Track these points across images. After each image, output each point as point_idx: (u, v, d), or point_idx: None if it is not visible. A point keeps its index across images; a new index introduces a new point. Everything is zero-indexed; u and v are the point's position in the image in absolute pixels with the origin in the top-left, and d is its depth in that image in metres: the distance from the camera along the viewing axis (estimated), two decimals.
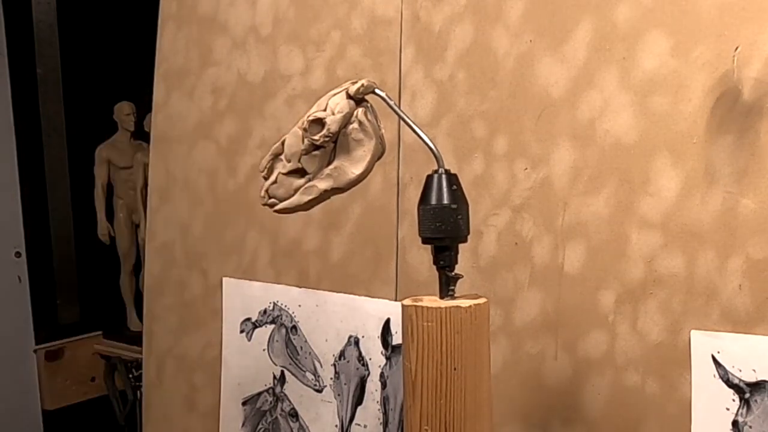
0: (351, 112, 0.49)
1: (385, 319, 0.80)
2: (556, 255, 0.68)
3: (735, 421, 0.58)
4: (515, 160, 0.71)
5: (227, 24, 0.95)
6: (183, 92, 1.00)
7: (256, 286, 0.91)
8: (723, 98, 0.59)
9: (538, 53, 0.69)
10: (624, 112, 0.64)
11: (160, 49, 1.03)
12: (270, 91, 0.90)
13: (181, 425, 1.00)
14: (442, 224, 0.51)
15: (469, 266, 0.73)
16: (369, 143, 0.49)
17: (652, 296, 0.63)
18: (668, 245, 0.62)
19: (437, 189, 0.52)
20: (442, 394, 0.50)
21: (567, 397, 0.68)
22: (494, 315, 0.71)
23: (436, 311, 0.51)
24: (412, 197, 0.78)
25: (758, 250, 0.57)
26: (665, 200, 0.62)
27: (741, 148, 0.58)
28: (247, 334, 0.93)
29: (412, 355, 0.51)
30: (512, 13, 0.71)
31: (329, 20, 0.85)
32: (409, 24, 0.78)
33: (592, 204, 0.66)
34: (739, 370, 0.58)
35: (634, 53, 0.63)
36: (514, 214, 0.71)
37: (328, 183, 0.49)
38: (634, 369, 0.64)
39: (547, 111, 0.69)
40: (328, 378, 0.85)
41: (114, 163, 1.91)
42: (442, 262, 0.53)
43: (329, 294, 0.85)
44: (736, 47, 0.58)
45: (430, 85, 0.76)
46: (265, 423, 0.91)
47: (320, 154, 0.49)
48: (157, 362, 1.03)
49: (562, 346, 0.68)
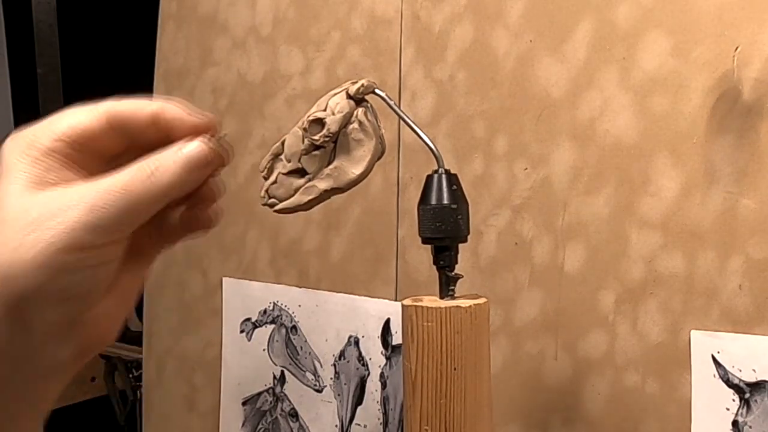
0: (351, 112, 0.49)
1: (385, 319, 0.80)
2: (556, 255, 0.68)
3: (735, 421, 0.58)
4: (515, 160, 0.71)
5: (227, 24, 0.95)
6: (183, 92, 1.00)
7: (256, 286, 0.91)
8: (723, 98, 0.59)
9: (538, 53, 0.69)
10: (624, 112, 0.64)
11: (160, 49, 1.03)
12: (270, 91, 0.90)
13: (181, 425, 1.00)
14: (442, 224, 0.51)
15: (469, 266, 0.73)
16: (369, 143, 0.49)
17: (652, 296, 0.63)
18: (668, 245, 0.62)
19: (437, 189, 0.52)
20: (443, 394, 0.51)
21: (567, 397, 0.68)
22: (494, 315, 0.71)
23: (436, 311, 0.51)
24: (412, 197, 0.78)
25: (758, 250, 0.57)
26: (665, 200, 0.62)
27: (741, 148, 0.58)
28: (247, 334, 0.93)
29: (412, 355, 0.51)
30: (512, 13, 0.71)
31: (329, 20, 0.85)
32: (409, 24, 0.78)
33: (592, 204, 0.66)
34: (739, 370, 0.58)
35: (634, 53, 0.63)
36: (514, 214, 0.71)
37: (328, 183, 0.49)
38: (634, 369, 0.64)
39: (547, 111, 0.69)
40: (328, 378, 0.85)
41: None
42: (442, 262, 0.53)
43: (329, 294, 0.85)
44: (736, 47, 0.58)
45: (430, 85, 0.76)
46: (265, 423, 0.91)
47: (320, 154, 0.49)
48: (157, 362, 1.03)
49: (562, 346, 0.68)
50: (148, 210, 0.43)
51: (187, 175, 0.44)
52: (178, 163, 0.44)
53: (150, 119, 0.46)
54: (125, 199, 0.42)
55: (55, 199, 0.41)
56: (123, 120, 0.46)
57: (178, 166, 0.44)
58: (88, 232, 0.40)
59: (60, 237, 0.40)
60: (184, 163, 0.44)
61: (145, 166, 0.43)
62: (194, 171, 0.45)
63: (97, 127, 0.45)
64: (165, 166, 0.43)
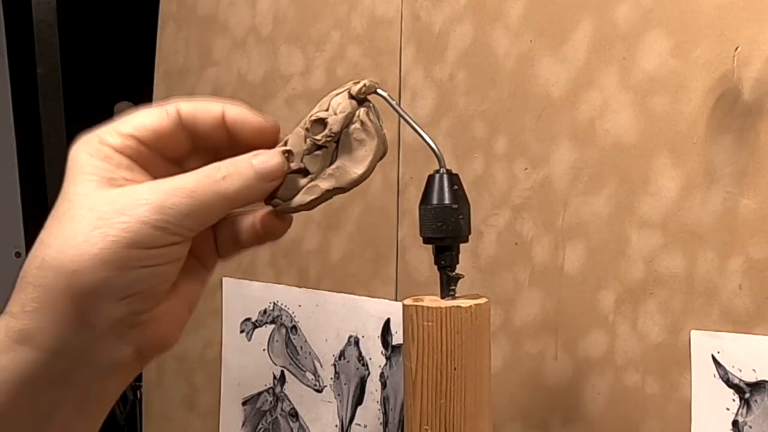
0: (353, 112, 0.49)
1: (385, 319, 0.80)
2: (556, 255, 0.68)
3: (735, 421, 0.58)
4: (515, 160, 0.71)
5: (227, 24, 0.95)
6: (183, 92, 1.00)
7: (256, 286, 0.91)
8: (723, 98, 0.59)
9: (538, 53, 0.69)
10: (624, 112, 0.64)
11: (160, 49, 1.03)
12: (270, 91, 0.90)
13: (181, 425, 1.00)
14: (443, 224, 0.51)
15: (469, 266, 0.73)
16: (371, 143, 0.49)
17: (652, 296, 0.63)
18: (668, 245, 0.62)
19: (438, 189, 0.52)
20: (443, 394, 0.51)
21: (567, 397, 0.68)
22: (494, 315, 0.71)
23: (437, 311, 0.51)
24: (412, 197, 0.78)
25: (758, 250, 0.57)
26: (665, 200, 0.62)
27: (741, 148, 0.58)
28: (247, 334, 0.93)
29: (413, 354, 0.51)
30: (512, 13, 0.71)
31: (329, 20, 0.85)
32: (409, 24, 0.78)
33: (592, 204, 0.66)
34: (739, 370, 0.58)
35: (634, 53, 0.64)
36: (514, 214, 0.71)
37: (330, 183, 0.49)
38: (634, 369, 0.64)
39: (547, 111, 0.69)
40: (328, 378, 0.85)
41: None
42: (443, 262, 0.53)
43: (329, 294, 0.85)
44: (736, 47, 0.58)
45: (430, 85, 0.76)
46: (265, 423, 0.91)
47: (322, 154, 0.49)
48: (157, 362, 1.03)
49: (562, 346, 0.68)
50: (214, 214, 0.44)
51: (259, 184, 0.45)
52: (251, 170, 0.44)
53: (218, 119, 0.46)
54: (192, 201, 0.42)
55: (123, 197, 0.42)
56: (193, 119, 0.46)
57: (251, 174, 0.44)
58: (153, 230, 0.41)
59: (126, 234, 0.40)
60: (258, 172, 0.44)
61: (215, 169, 0.44)
62: (267, 180, 0.45)
63: (167, 126, 0.46)
64: (238, 173, 0.44)
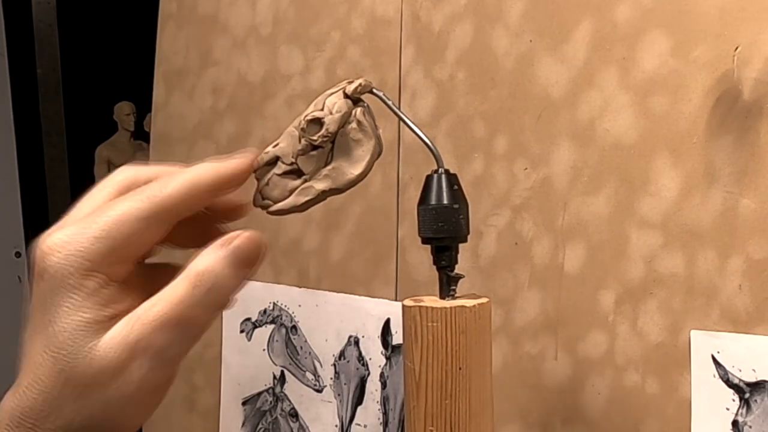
0: (349, 111, 0.48)
1: (385, 319, 0.80)
2: (556, 255, 0.68)
3: (735, 421, 0.58)
4: (515, 160, 0.71)
5: (227, 24, 0.95)
6: (183, 92, 1.00)
7: (255, 286, 0.91)
8: (723, 98, 0.59)
9: (538, 53, 0.69)
10: (624, 112, 0.64)
11: (160, 49, 1.03)
12: (270, 91, 0.90)
13: (181, 425, 1.00)
14: (442, 224, 0.51)
15: (469, 266, 0.73)
16: (368, 143, 0.49)
17: (652, 296, 0.63)
18: (668, 245, 0.62)
19: (437, 189, 0.52)
20: (447, 394, 0.50)
21: (567, 397, 0.68)
22: (494, 315, 0.71)
23: (441, 311, 0.51)
24: (412, 197, 0.78)
25: (758, 250, 0.57)
26: (665, 200, 0.62)
27: (741, 148, 0.58)
28: (247, 334, 0.93)
29: (416, 355, 0.51)
30: (512, 13, 0.71)
31: (329, 20, 0.85)
32: (409, 24, 0.78)
33: (592, 204, 0.66)
34: (739, 370, 0.58)
35: (634, 53, 0.63)
36: (514, 214, 0.71)
37: (326, 184, 0.49)
38: (634, 369, 0.64)
39: (547, 111, 0.69)
40: (328, 378, 0.85)
41: (114, 163, 1.91)
42: (442, 262, 0.53)
43: (329, 294, 0.85)
44: (736, 47, 0.58)
45: (430, 85, 0.76)
46: (265, 423, 0.91)
47: (318, 155, 0.48)
48: None
49: (562, 346, 0.68)
50: None
51: (240, 279, 0.47)
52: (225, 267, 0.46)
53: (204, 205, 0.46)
54: (185, 335, 0.45)
55: (112, 354, 0.42)
56: (180, 216, 0.46)
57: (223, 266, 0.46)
58: (150, 391, 0.44)
59: (120, 399, 0.43)
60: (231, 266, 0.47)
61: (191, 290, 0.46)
62: (244, 270, 0.47)
63: (160, 235, 0.45)
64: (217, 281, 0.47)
